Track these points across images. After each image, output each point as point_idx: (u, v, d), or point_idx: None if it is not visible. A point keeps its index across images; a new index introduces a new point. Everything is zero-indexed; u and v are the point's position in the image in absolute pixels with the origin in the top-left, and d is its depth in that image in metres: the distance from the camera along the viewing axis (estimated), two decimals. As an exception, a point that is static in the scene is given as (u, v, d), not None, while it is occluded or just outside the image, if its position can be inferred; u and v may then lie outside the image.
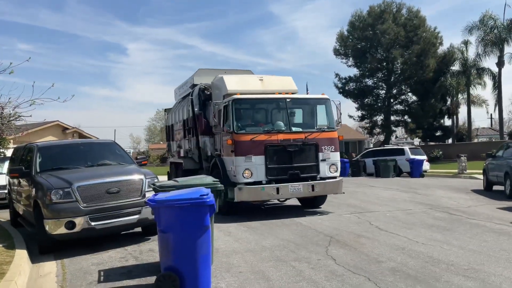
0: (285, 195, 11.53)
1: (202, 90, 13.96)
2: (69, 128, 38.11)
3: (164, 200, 5.72)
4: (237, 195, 11.02)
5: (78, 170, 9.35)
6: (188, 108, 15.11)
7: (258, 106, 12.38)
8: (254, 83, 12.87)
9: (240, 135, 11.15)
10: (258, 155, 11.02)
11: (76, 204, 8.15)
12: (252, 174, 10.99)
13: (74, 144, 11.52)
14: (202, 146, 13.87)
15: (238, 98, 11.47)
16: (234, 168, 11.09)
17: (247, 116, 12.06)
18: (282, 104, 11.94)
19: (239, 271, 6.70)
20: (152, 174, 9.36)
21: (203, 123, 13.66)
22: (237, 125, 11.30)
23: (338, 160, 11.98)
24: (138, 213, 8.57)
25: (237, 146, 11.03)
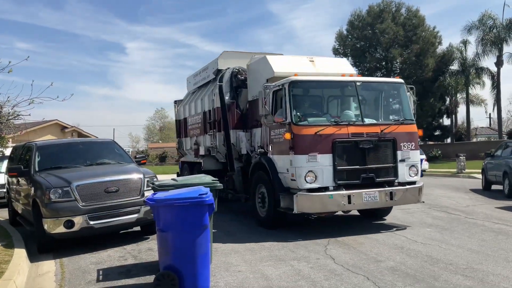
0: (357, 205, 9.04)
1: (235, 75, 11.88)
2: (68, 127, 38.10)
3: (163, 199, 5.72)
4: (298, 205, 8.62)
5: (77, 169, 9.34)
6: (211, 98, 12.89)
7: (319, 91, 10.07)
8: (304, 65, 10.52)
9: (302, 128, 8.84)
10: (325, 153, 8.74)
11: (75, 203, 8.14)
12: (317, 178, 8.69)
13: (73, 143, 11.51)
14: (234, 142, 11.59)
15: (297, 80, 9.20)
16: (292, 170, 8.84)
17: (307, 104, 9.83)
18: (350, 89, 9.74)
19: (238, 270, 6.70)
20: (151, 173, 9.36)
21: (236, 115, 11.66)
22: (297, 115, 9.00)
23: (418, 161, 9.74)
24: (137, 212, 8.57)
25: (299, 142, 8.74)
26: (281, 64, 10.43)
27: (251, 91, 11.26)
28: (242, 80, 11.80)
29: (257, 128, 10.75)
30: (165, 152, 55.59)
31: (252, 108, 11.22)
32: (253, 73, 11.22)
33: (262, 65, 10.67)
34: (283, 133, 9.05)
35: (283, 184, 9.19)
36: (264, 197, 9.81)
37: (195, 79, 15.44)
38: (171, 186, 6.69)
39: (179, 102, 17.16)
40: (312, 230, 9.55)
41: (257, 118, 10.43)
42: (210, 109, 13.04)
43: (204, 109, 13.67)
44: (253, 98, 10.98)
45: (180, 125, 16.82)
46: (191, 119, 15.20)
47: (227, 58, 12.89)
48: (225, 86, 11.75)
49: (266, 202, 9.72)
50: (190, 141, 15.25)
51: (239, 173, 11.41)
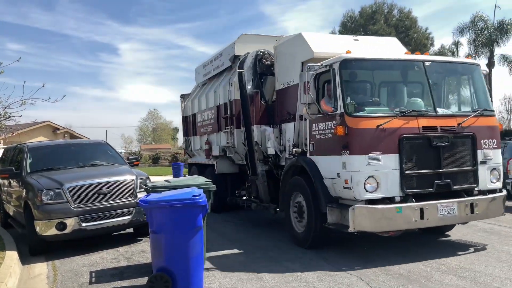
0: (432, 221, 6.87)
1: (259, 59, 10.15)
2: (60, 129, 37.92)
3: (156, 200, 5.70)
4: (356, 221, 6.65)
5: (69, 170, 9.29)
6: (227, 89, 11.06)
7: (377, 73, 7.93)
8: (348, 45, 8.24)
9: (360, 120, 6.83)
10: (389, 153, 6.79)
11: (67, 205, 8.10)
12: (379, 186, 6.74)
13: (65, 145, 11.43)
14: (258, 140, 9.73)
15: (351, 58, 7.22)
16: (345, 175, 6.88)
17: (363, 89, 7.85)
18: (417, 70, 7.61)
19: (232, 271, 6.69)
20: (144, 174, 9.35)
21: (260, 107, 9.85)
22: (351, 103, 6.97)
23: (500, 163, 7.73)
24: (129, 214, 8.54)
25: (356, 138, 6.79)
26: (321, 43, 8.51)
27: (280, 78, 9.41)
28: (268, 66, 10.07)
29: (289, 123, 8.90)
30: (158, 154, 55.45)
31: (281, 99, 9.37)
32: (282, 57, 9.37)
33: (297, 45, 8.74)
34: (332, 127, 7.13)
35: (330, 192, 7.32)
36: (301, 209, 7.96)
37: (206, 69, 13.65)
38: (164, 188, 6.67)
39: (186, 97, 15.25)
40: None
41: (289, 110, 8.84)
42: (226, 102, 11.19)
43: (218, 102, 11.90)
44: (283, 87, 9.25)
45: (187, 122, 14.90)
46: (202, 115, 13.37)
47: (246, 43, 11.06)
48: (247, 73, 9.92)
49: (305, 215, 7.87)
50: (200, 140, 13.51)
51: (263, 178, 9.70)
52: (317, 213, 7.45)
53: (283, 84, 9.24)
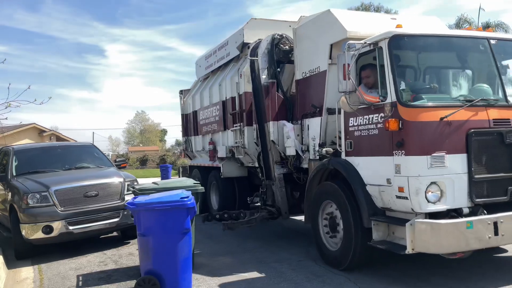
0: (508, 238, 5.50)
1: (276, 44, 8.70)
2: (46, 131, 37.56)
3: (144, 203, 5.67)
4: (416, 240, 5.28)
5: (56, 173, 9.22)
6: (236, 80, 9.78)
7: (434, 54, 6.36)
8: (386, 24, 6.56)
9: (418, 111, 5.48)
10: (455, 152, 5.46)
11: (54, 208, 8.03)
12: (443, 194, 5.40)
13: (51, 147, 11.32)
14: (274, 139, 8.39)
15: (404, 34, 5.80)
16: (399, 181, 5.52)
17: (416, 73, 6.44)
18: (482, 50, 6.16)
19: (220, 273, 6.67)
20: (132, 177, 9.32)
21: (277, 100, 8.43)
22: (407, 90, 5.79)
23: None
24: (117, 216, 8.49)
25: (414, 134, 5.42)
26: (354, 21, 7.03)
27: (301, 66, 7.98)
28: (286, 52, 8.69)
29: (314, 118, 7.53)
30: (145, 156, 55.18)
31: (303, 90, 7.94)
32: (305, 40, 7.94)
33: (324, 24, 7.33)
34: (378, 120, 5.79)
35: (375, 202, 6.02)
36: (334, 222, 6.68)
37: (208, 61, 12.20)
38: (151, 190, 6.63)
39: (186, 92, 13.92)
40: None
41: (314, 102, 7.45)
42: (234, 96, 9.94)
43: (224, 97, 10.59)
44: (305, 76, 7.83)
45: (187, 120, 13.58)
46: (204, 112, 12.03)
47: (256, 29, 9.75)
48: (261, 61, 8.61)
49: (339, 230, 6.57)
50: (203, 139, 12.25)
51: (281, 183, 8.41)
52: (358, 228, 6.11)
53: (306, 72, 7.81)
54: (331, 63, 6.99)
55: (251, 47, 9.17)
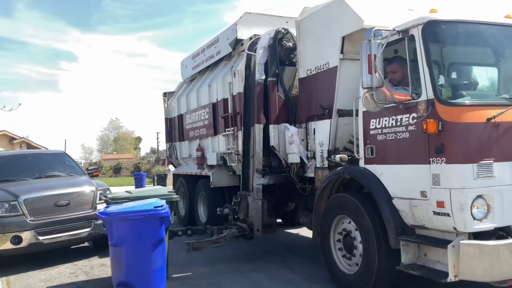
0: None
1: (280, 39, 7.81)
2: (17, 138, 36.86)
3: (116, 212, 5.57)
4: (461, 265, 4.51)
5: (25, 182, 9.02)
6: (231, 80, 8.85)
7: (474, 44, 5.47)
8: (404, 16, 5.65)
9: (460, 110, 4.72)
10: (504, 160, 4.72)
11: (23, 218, 7.84)
12: (490, 210, 4.63)
13: (21, 155, 11.13)
14: (275, 144, 7.58)
15: (440, 20, 4.97)
16: (438, 194, 4.74)
17: (455, 67, 5.55)
18: None
19: (196, 283, 6.57)
20: (104, 185, 9.19)
21: (278, 101, 7.65)
22: (447, 86, 5.05)
23: None
24: (88, 226, 8.35)
25: (457, 137, 4.67)
26: (368, 11, 6.13)
27: (306, 62, 7.18)
28: (288, 50, 7.79)
29: (321, 121, 6.70)
30: (119, 164, 54.57)
31: (309, 89, 7.13)
32: (311, 33, 7.10)
33: (335, 14, 6.51)
34: (410, 121, 5.00)
35: (404, 219, 5.22)
36: (350, 240, 5.83)
37: (195, 60, 11.36)
38: (124, 199, 6.51)
39: (170, 95, 12.99)
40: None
41: (322, 102, 6.64)
42: (227, 97, 9.09)
43: (214, 98, 9.77)
44: (310, 73, 7.03)
45: (172, 125, 12.66)
46: (191, 115, 11.15)
47: (250, 25, 8.98)
48: (260, 56, 7.80)
49: (357, 250, 5.73)
50: (189, 146, 11.40)
51: (258, 195, 7.67)
52: (381, 249, 5.25)
53: (311, 69, 6.98)
54: (343, 58, 6.25)
55: (251, 42, 8.36)
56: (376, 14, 6.05)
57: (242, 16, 9.11)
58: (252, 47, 8.04)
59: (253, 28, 8.80)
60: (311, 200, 6.88)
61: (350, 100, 5.93)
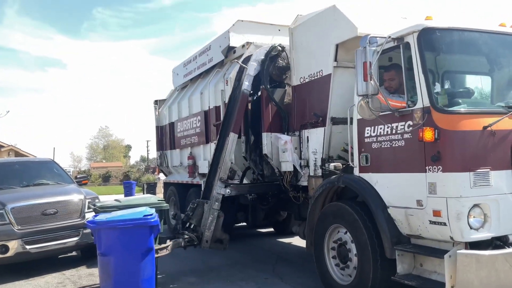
0: None
1: (274, 57, 7.70)
2: (5, 146, 36.55)
3: (105, 221, 5.48)
4: (458, 275, 4.46)
5: (13, 190, 8.93)
6: (223, 87, 8.83)
7: (469, 52, 5.46)
8: (399, 23, 5.62)
9: (457, 118, 4.71)
10: (500, 168, 4.72)
11: (10, 226, 7.74)
12: (487, 219, 4.62)
13: (8, 163, 11.07)
14: (268, 152, 7.50)
15: (435, 27, 4.98)
16: (435, 203, 4.70)
17: (450, 74, 5.65)
18: None
19: (185, 293, 6.49)
20: (93, 194, 9.12)
21: (271, 109, 7.61)
22: (443, 93, 5.07)
23: None
24: (77, 235, 8.27)
25: (454, 145, 4.66)
26: (363, 18, 6.10)
27: (298, 70, 7.16)
28: (280, 69, 7.70)
29: (315, 128, 6.64)
30: (108, 172, 54.27)
31: (302, 97, 7.09)
32: (304, 41, 7.06)
33: (328, 21, 6.45)
34: (406, 129, 4.97)
35: (399, 228, 5.15)
36: (345, 250, 5.76)
37: (187, 68, 11.29)
38: (113, 208, 6.41)
39: (162, 103, 12.94)
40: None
41: (316, 110, 6.60)
42: (219, 105, 9.05)
43: (206, 106, 9.72)
44: (303, 81, 7.02)
45: (163, 132, 12.58)
46: (183, 123, 11.06)
47: (243, 32, 8.94)
48: (252, 69, 7.75)
49: (352, 260, 5.64)
50: (181, 154, 11.29)
51: (217, 205, 7.45)
52: (376, 259, 5.20)
53: (305, 77, 6.95)
54: (336, 65, 6.24)
55: (244, 56, 8.30)
56: (370, 22, 6.03)
57: (234, 23, 9.03)
58: (246, 62, 7.94)
59: (246, 36, 8.76)
60: (304, 209, 6.83)
61: (344, 108, 5.90)
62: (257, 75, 7.75)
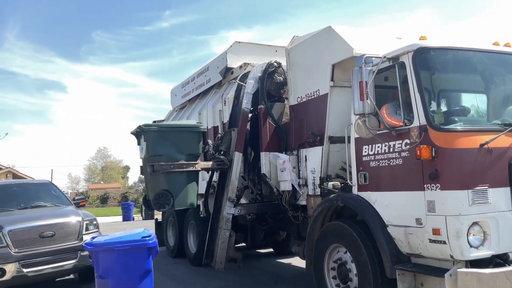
0: None
1: (271, 72, 7.92)
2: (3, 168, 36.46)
3: (103, 243, 5.45)
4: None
5: (10, 212, 8.81)
6: (221, 107, 8.96)
7: (464, 71, 5.57)
8: (392, 43, 5.79)
9: (453, 136, 4.72)
10: (498, 186, 4.69)
11: (7, 249, 7.62)
12: (487, 237, 4.59)
13: (6, 185, 10.93)
14: (266, 172, 7.57)
15: (430, 47, 5.04)
16: (433, 221, 4.68)
17: (446, 93, 5.68)
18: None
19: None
20: (91, 215, 9.03)
21: (269, 128, 7.68)
22: (439, 112, 5.08)
23: None
24: (74, 258, 8.12)
25: (451, 163, 4.64)
26: (357, 39, 6.22)
27: (296, 89, 7.27)
28: (278, 85, 7.91)
29: (313, 148, 6.70)
30: (106, 193, 53.93)
31: (300, 116, 7.18)
32: (301, 61, 7.19)
33: (325, 42, 6.56)
34: (403, 148, 4.98)
35: (399, 247, 5.11)
36: (345, 270, 5.69)
37: (185, 89, 11.47)
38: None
39: None
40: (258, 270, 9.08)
41: (313, 129, 6.69)
42: (217, 125, 9.21)
43: (204, 126, 9.35)
44: (301, 101, 7.12)
45: None
46: None
47: (240, 53, 9.12)
48: (250, 87, 7.95)
49: (352, 280, 5.59)
50: None
51: (227, 225, 7.52)
52: (377, 279, 5.13)
53: (302, 97, 7.06)
54: (333, 85, 6.35)
55: (243, 74, 8.57)
56: (365, 42, 6.16)
57: (232, 45, 9.20)
58: (244, 79, 8.09)
59: (243, 57, 8.94)
60: (304, 228, 6.82)
61: (341, 127, 5.95)
62: (256, 92, 7.88)
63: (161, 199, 7.56)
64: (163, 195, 7.55)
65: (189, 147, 7.83)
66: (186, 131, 7.86)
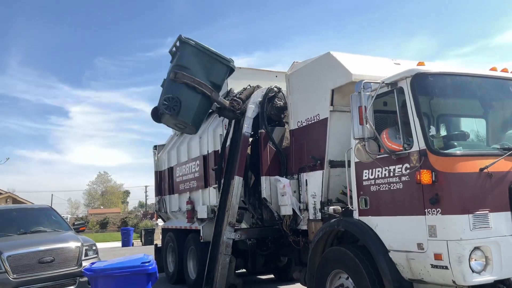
0: None
1: (271, 97, 8.05)
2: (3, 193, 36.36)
3: (102, 269, 5.42)
4: None
5: (9, 238, 8.81)
6: (222, 132, 9.03)
7: (462, 96, 5.61)
8: (390, 69, 5.97)
9: (453, 160, 4.74)
10: (499, 210, 4.68)
11: (5, 275, 7.60)
12: (488, 262, 4.54)
13: (6, 210, 10.94)
14: (266, 196, 7.54)
15: (427, 72, 5.11)
16: (435, 247, 4.63)
17: (444, 118, 5.75)
18: None
19: None
20: (90, 241, 9.02)
21: (270, 152, 7.70)
22: (438, 136, 5.17)
23: None
24: (73, 284, 8.11)
25: (452, 187, 4.63)
26: (357, 65, 6.30)
27: (296, 114, 7.33)
28: (278, 109, 7.99)
29: (313, 172, 6.69)
30: (106, 218, 53.64)
31: (300, 140, 7.19)
32: (301, 86, 7.27)
33: (324, 68, 6.67)
34: (403, 172, 4.98)
35: (401, 273, 5.03)
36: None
37: None
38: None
39: (161, 148, 13.06)
40: None
41: (313, 154, 6.68)
42: (217, 150, 9.13)
43: (205, 151, 9.76)
44: (301, 125, 7.16)
45: (161, 177, 12.55)
46: (182, 168, 11.06)
47: (240, 78, 9.18)
48: (251, 112, 8.05)
49: None
50: (179, 199, 11.16)
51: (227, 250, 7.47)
52: None
53: (302, 121, 7.11)
54: (333, 109, 6.38)
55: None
56: (364, 68, 6.22)
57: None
58: (253, 97, 8.18)
59: (244, 82, 9.01)
60: (305, 254, 6.74)
61: (342, 151, 5.98)
62: (256, 117, 7.95)
63: (170, 102, 7.72)
64: (174, 99, 7.73)
65: (215, 75, 8.08)
66: (219, 60, 8.11)
